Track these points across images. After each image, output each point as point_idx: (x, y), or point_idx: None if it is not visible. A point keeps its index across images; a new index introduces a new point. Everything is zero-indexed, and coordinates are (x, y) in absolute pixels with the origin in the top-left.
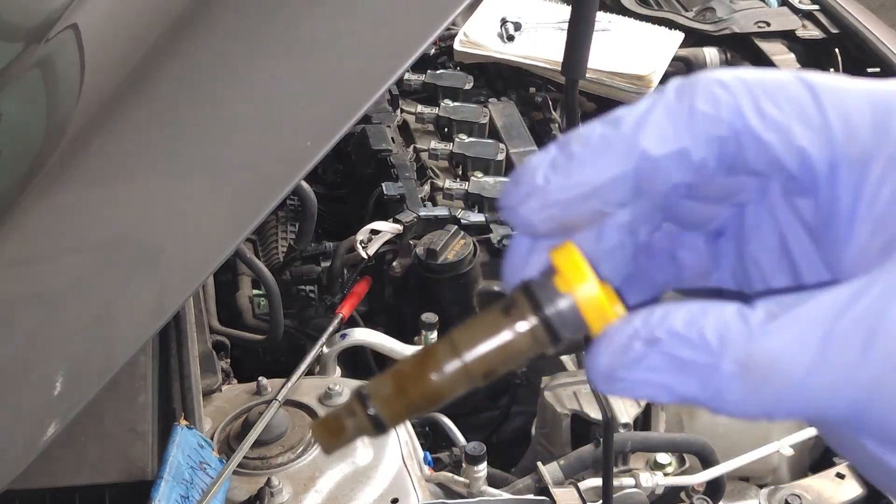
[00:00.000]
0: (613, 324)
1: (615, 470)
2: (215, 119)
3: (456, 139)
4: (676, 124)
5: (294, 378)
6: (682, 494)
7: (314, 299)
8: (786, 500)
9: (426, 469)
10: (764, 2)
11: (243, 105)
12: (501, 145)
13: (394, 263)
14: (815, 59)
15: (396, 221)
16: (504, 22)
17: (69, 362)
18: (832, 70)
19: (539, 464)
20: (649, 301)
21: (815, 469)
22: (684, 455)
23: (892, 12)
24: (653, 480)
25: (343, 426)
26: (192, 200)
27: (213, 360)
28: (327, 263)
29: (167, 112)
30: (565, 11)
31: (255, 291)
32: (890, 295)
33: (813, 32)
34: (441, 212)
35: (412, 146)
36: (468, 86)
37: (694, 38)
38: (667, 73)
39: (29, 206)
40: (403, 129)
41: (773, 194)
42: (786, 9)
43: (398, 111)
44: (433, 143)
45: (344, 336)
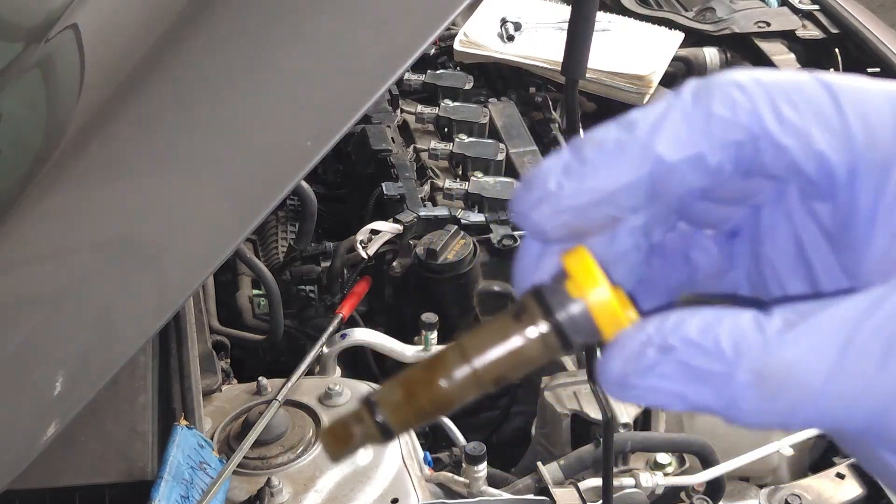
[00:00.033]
0: (626, 330)
1: (615, 470)
2: (215, 119)
3: (456, 139)
4: (692, 129)
5: (294, 378)
6: (682, 494)
7: (314, 299)
8: (786, 500)
9: (426, 469)
10: (764, 2)
11: (243, 105)
12: (501, 145)
13: (394, 263)
14: (815, 60)
15: (396, 221)
16: (504, 22)
17: (69, 362)
18: (832, 70)
19: (539, 464)
20: (663, 304)
21: (815, 469)
22: (684, 455)
23: (892, 12)
24: (653, 480)
25: (351, 433)
26: (193, 200)
27: (213, 360)
28: (327, 263)
29: (167, 112)
30: (565, 11)
31: (255, 291)
32: None
33: (813, 32)
34: (441, 212)
35: (412, 146)
36: (468, 86)
37: (694, 38)
38: (667, 73)
39: (29, 206)
40: (403, 129)
41: (790, 197)
42: (786, 9)
43: (398, 111)
44: (433, 143)
45: (344, 336)
